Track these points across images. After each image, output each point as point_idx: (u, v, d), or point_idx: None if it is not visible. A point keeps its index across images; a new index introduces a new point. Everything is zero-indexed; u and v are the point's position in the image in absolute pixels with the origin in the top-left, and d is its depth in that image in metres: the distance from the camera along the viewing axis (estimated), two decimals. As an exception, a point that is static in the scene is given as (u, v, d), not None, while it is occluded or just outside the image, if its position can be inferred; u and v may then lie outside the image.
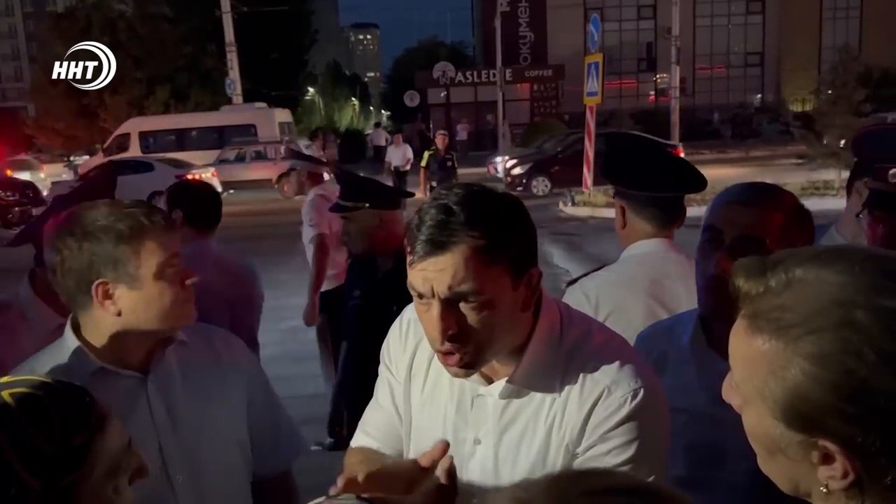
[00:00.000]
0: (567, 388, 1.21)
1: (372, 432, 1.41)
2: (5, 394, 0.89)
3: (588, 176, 15.71)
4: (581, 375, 1.21)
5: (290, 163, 5.10)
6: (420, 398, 1.35)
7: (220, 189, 15.35)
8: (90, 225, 1.37)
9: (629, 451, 1.17)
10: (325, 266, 4.58)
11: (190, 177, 15.74)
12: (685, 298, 1.54)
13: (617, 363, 1.22)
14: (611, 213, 2.17)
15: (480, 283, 1.10)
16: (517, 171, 18.53)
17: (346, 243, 2.97)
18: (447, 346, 1.14)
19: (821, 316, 0.70)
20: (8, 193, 14.91)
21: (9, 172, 20.10)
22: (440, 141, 13.23)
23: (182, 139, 24.61)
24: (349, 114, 74.34)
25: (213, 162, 20.98)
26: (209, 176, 18.02)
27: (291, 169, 5.04)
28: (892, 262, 0.74)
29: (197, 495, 1.48)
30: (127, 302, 1.40)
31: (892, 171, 1.42)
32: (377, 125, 29.15)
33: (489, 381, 1.25)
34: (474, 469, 1.27)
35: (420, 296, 1.14)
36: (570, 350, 1.23)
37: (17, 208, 14.54)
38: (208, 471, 1.51)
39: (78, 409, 0.92)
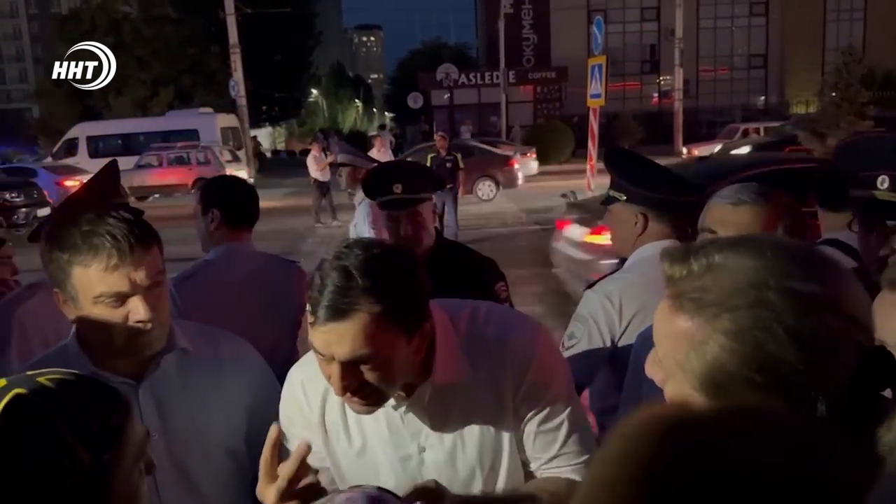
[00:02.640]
0: (479, 362, 1.33)
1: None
2: (42, 379, 0.93)
3: (591, 177, 15.73)
4: (485, 347, 1.34)
5: (341, 158, 4.99)
6: (350, 446, 1.39)
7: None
8: (58, 235, 1.36)
9: (560, 376, 1.37)
10: None
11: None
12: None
13: (506, 321, 1.39)
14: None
15: (377, 348, 1.15)
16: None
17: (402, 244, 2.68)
18: (349, 395, 1.21)
19: (737, 296, 0.78)
20: (13, 194, 14.94)
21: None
22: (439, 142, 13.19)
23: (128, 143, 24.93)
24: (353, 115, 74.45)
25: (131, 167, 21.37)
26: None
27: (341, 164, 4.98)
28: (799, 249, 0.84)
29: (182, 503, 1.47)
30: (74, 317, 1.40)
31: (881, 178, 1.44)
32: (381, 127, 29.19)
33: (407, 394, 1.32)
34: (431, 474, 1.33)
35: (319, 353, 1.19)
36: (466, 334, 1.35)
37: (22, 209, 14.58)
38: (198, 479, 1.50)
39: (108, 393, 0.97)
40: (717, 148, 19.91)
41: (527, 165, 22.29)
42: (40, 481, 0.87)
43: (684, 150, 21.82)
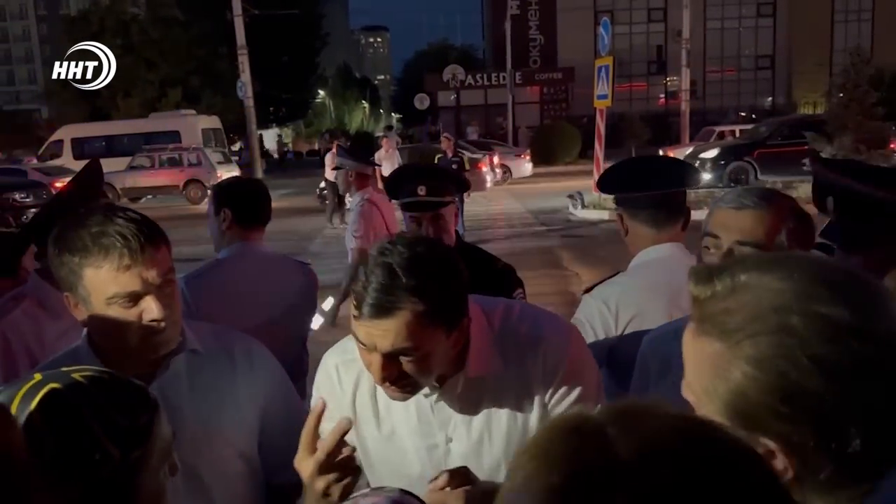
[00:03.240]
0: (511, 357, 1.36)
1: None
2: (76, 376, 0.96)
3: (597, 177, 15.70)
4: (518, 343, 1.37)
5: (338, 161, 5.01)
6: (379, 432, 1.42)
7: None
8: (67, 238, 1.35)
9: (589, 376, 1.39)
10: None
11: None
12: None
13: (541, 320, 1.43)
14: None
15: (418, 342, 1.20)
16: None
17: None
18: (387, 384, 1.25)
19: (759, 321, 0.74)
20: (23, 195, 15.03)
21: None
22: (445, 144, 13.21)
23: (111, 145, 25.08)
24: (359, 116, 74.47)
25: (124, 169, 21.56)
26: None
27: (338, 168, 4.98)
28: (830, 270, 0.78)
29: None
30: (86, 320, 1.40)
31: (828, 199, 1.47)
32: (388, 128, 29.20)
33: (440, 381, 1.35)
34: (456, 464, 1.35)
35: (361, 343, 1.23)
36: (500, 329, 1.38)
37: (32, 210, 14.66)
38: (208, 481, 1.48)
39: (138, 392, 0.99)
40: (690, 150, 19.91)
41: (521, 167, 22.43)
42: (72, 474, 0.90)
43: (660, 152, 21.83)
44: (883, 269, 1.21)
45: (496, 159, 20.41)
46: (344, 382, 1.43)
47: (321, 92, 60.06)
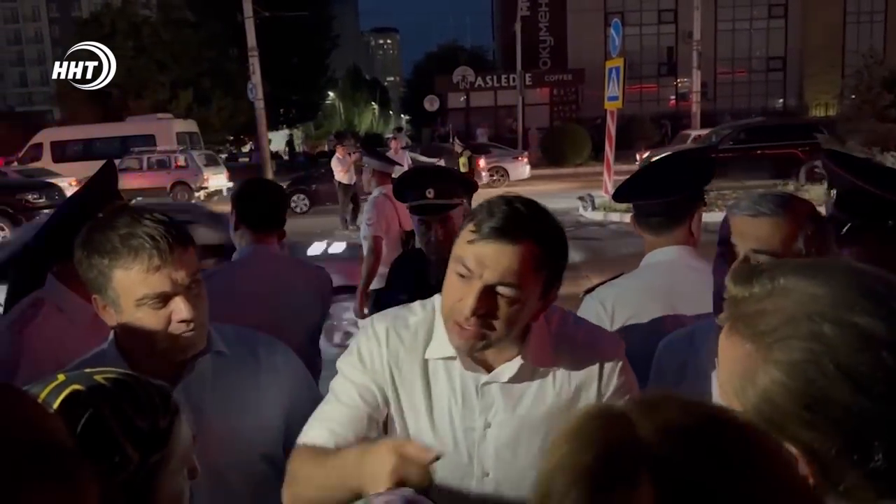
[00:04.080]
0: (564, 359, 1.39)
1: (336, 428, 1.36)
2: (98, 377, 0.96)
3: (608, 180, 15.68)
4: (574, 347, 1.40)
5: (363, 160, 5.26)
6: (422, 403, 1.40)
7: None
8: (96, 240, 1.36)
9: (635, 390, 1.43)
10: (376, 268, 4.79)
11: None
12: (704, 307, 1.56)
13: (594, 330, 1.49)
14: (629, 216, 2.24)
15: (523, 281, 1.23)
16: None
17: (430, 250, 2.56)
18: (471, 320, 1.24)
19: (792, 325, 0.74)
20: (35, 195, 15.14)
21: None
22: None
23: (89, 148, 25.24)
24: (369, 118, 74.59)
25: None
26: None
27: (362, 166, 5.29)
28: (869, 279, 0.77)
29: None
30: (115, 322, 1.40)
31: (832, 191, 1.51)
32: (398, 129, 29.26)
33: (487, 369, 1.36)
34: (487, 451, 1.38)
35: (466, 270, 1.24)
36: (557, 331, 1.41)
37: (45, 210, 14.76)
38: (232, 483, 1.48)
39: (160, 395, 0.99)
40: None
41: (518, 170, 22.58)
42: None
43: (637, 156, 21.89)
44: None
45: (482, 162, 20.40)
46: (392, 346, 1.41)
47: (331, 94, 60.18)
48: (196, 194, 21.29)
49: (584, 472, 0.58)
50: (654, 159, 2.14)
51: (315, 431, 1.37)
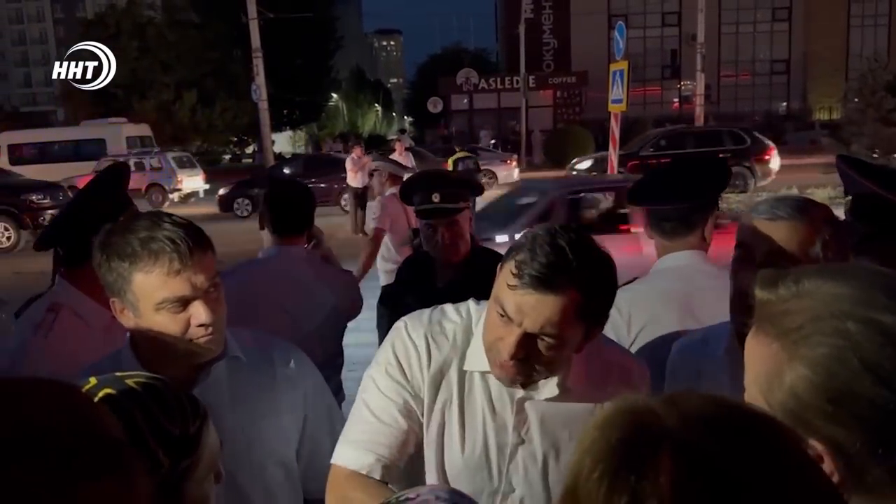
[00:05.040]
0: (596, 380, 1.37)
1: (382, 452, 1.36)
2: (130, 381, 0.95)
3: (611, 183, 15.65)
4: (605, 368, 1.39)
5: (375, 164, 5.33)
6: (457, 416, 1.39)
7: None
8: (115, 243, 1.36)
9: None
10: (373, 257, 4.87)
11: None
12: (718, 312, 1.56)
13: (623, 351, 1.52)
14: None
15: (563, 330, 1.20)
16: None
17: (437, 254, 2.53)
18: (511, 363, 1.24)
19: (817, 323, 0.76)
20: (40, 196, 15.12)
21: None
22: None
23: (44, 152, 25.58)
24: (372, 119, 74.65)
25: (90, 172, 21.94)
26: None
27: (374, 170, 5.31)
28: (891, 279, 0.79)
29: None
30: (133, 326, 1.40)
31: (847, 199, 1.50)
32: (402, 131, 29.24)
33: (523, 385, 1.34)
34: (517, 468, 1.36)
35: (505, 314, 1.22)
36: (589, 351, 1.36)
37: (49, 211, 14.73)
38: (246, 489, 1.48)
39: (189, 401, 0.98)
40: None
41: (506, 173, 22.86)
42: None
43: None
44: None
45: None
46: (432, 355, 1.39)
47: (334, 95, 60.24)
48: (171, 196, 21.37)
49: (609, 452, 0.61)
50: (668, 162, 2.12)
51: (359, 455, 1.36)
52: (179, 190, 21.87)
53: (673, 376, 1.64)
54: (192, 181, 22.60)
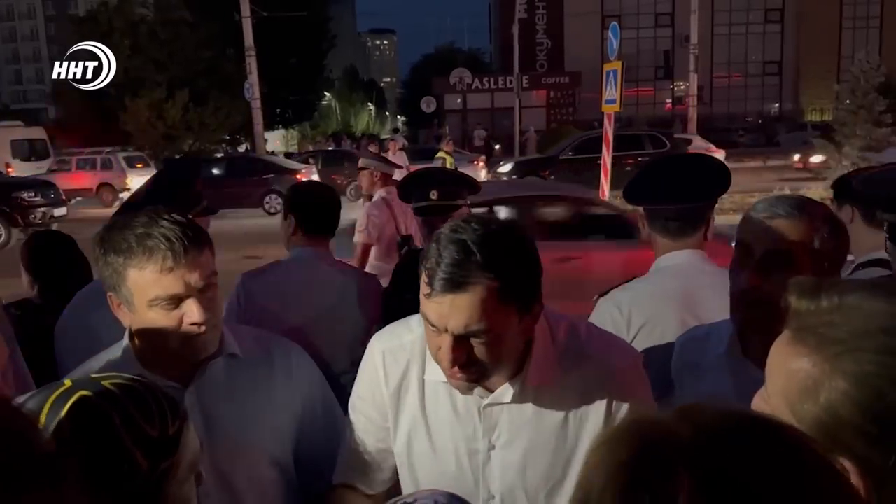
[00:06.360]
0: (574, 375, 1.32)
1: (374, 476, 1.50)
2: (106, 383, 0.94)
3: (605, 183, 15.68)
4: (585, 362, 1.32)
5: (362, 162, 5.04)
6: (423, 427, 1.39)
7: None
8: (113, 239, 1.36)
9: (652, 406, 1.36)
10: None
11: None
12: (719, 310, 1.56)
13: (607, 341, 1.40)
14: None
15: (491, 322, 1.16)
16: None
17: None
18: (455, 370, 1.21)
19: (865, 338, 0.73)
20: (31, 194, 15.04)
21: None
22: (447, 146, 13.40)
23: None
24: (365, 119, 74.50)
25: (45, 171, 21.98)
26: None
27: (363, 168, 4.98)
28: None
29: None
30: (129, 321, 1.41)
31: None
32: (395, 130, 29.21)
33: (489, 389, 1.32)
34: (493, 474, 1.34)
35: (430, 325, 1.20)
36: (565, 345, 1.33)
37: (40, 209, 14.68)
38: (240, 488, 1.47)
39: (168, 402, 0.97)
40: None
41: (473, 174, 22.81)
42: (100, 484, 0.88)
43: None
44: None
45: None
46: (389, 371, 1.40)
47: (327, 94, 60.13)
48: (120, 195, 21.16)
49: (620, 468, 0.59)
50: (663, 160, 2.09)
51: (355, 475, 1.50)
52: (129, 189, 21.77)
53: (676, 371, 1.65)
54: (143, 181, 22.40)
